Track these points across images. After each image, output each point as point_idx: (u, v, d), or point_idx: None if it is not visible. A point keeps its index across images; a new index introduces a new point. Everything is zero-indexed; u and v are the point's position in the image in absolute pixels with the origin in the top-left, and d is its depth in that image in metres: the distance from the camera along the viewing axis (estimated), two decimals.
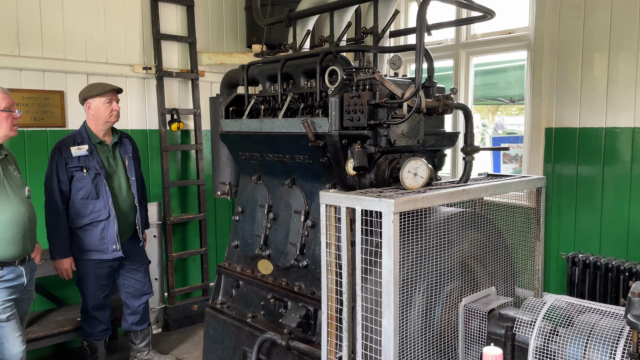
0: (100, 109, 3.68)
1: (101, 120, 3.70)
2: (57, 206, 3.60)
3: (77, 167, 3.62)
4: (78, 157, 3.62)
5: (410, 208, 2.30)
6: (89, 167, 3.64)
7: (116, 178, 3.79)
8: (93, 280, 3.78)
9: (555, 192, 3.88)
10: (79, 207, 3.64)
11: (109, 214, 3.68)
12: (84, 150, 3.63)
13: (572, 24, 3.73)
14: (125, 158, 3.86)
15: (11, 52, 4.18)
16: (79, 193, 3.63)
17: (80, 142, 3.66)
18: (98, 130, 3.74)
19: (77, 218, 3.66)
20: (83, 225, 3.66)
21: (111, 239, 3.71)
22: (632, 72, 3.46)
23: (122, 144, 3.88)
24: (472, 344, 2.61)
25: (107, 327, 4.00)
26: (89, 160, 3.65)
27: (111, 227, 3.70)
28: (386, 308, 2.26)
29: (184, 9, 5.12)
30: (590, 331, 2.17)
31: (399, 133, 2.69)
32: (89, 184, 3.63)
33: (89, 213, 3.66)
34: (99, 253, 3.71)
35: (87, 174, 3.63)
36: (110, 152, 3.81)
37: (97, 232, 3.68)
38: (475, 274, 2.81)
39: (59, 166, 3.61)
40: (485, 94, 5.25)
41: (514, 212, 3.16)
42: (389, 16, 3.13)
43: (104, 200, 3.67)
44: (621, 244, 3.57)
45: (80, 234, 3.68)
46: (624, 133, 3.53)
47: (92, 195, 3.65)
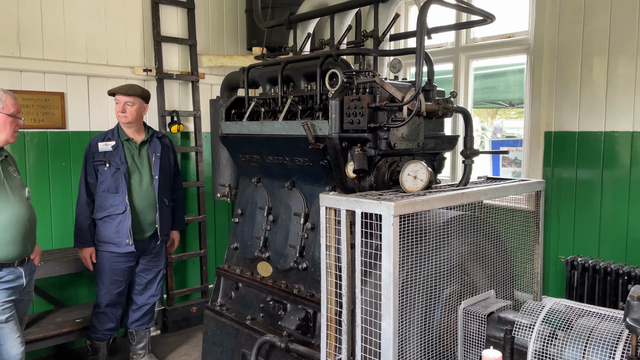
0: (116, 108, 3.96)
1: (124, 120, 3.94)
2: (80, 196, 3.87)
3: (100, 162, 3.84)
4: (104, 152, 3.84)
5: (410, 211, 2.30)
6: (111, 162, 3.82)
7: (138, 175, 3.92)
8: (108, 273, 3.89)
9: (554, 196, 3.89)
10: (101, 200, 3.84)
11: (125, 208, 3.81)
12: (109, 146, 3.85)
13: (571, 28, 3.74)
14: (152, 156, 3.98)
15: (12, 54, 4.18)
16: (101, 186, 3.84)
17: (109, 138, 3.90)
18: (129, 131, 3.96)
19: (99, 210, 3.86)
20: (103, 217, 3.84)
21: (125, 233, 3.82)
22: (631, 76, 3.48)
23: (152, 143, 4.02)
24: (471, 347, 2.61)
25: (115, 326, 4.06)
26: (113, 155, 3.84)
27: (126, 221, 3.81)
28: (386, 311, 2.26)
29: (185, 11, 5.13)
30: (589, 335, 2.17)
31: (399, 136, 2.70)
32: (109, 178, 3.81)
33: (108, 206, 3.82)
34: (114, 246, 3.84)
35: (108, 169, 3.82)
36: (137, 150, 3.96)
37: (114, 225, 3.82)
38: (475, 277, 2.82)
39: (87, 159, 3.87)
40: (484, 98, 5.25)
41: (513, 215, 3.17)
42: (389, 20, 3.14)
43: (122, 194, 3.81)
44: (620, 248, 3.58)
45: (100, 226, 3.87)
46: (623, 137, 3.54)
47: (111, 189, 3.81)
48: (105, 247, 3.86)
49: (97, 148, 3.85)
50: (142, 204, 3.90)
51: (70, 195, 4.52)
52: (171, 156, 4.14)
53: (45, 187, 4.39)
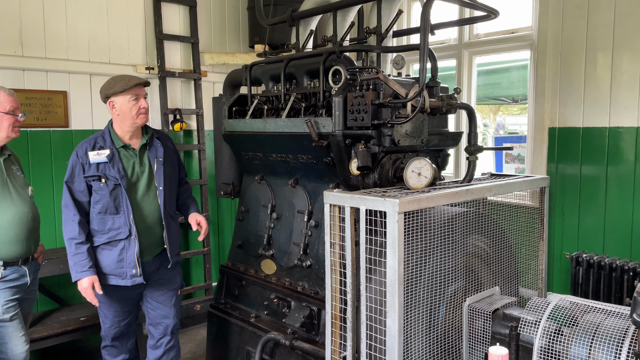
0: (125, 108, 3.04)
1: (128, 122, 3.07)
2: (68, 218, 3.05)
3: (94, 177, 3.04)
4: (97, 163, 3.03)
5: (414, 208, 2.30)
6: (107, 177, 3.03)
7: (142, 189, 3.15)
8: (111, 306, 3.22)
9: (558, 192, 3.88)
10: (97, 223, 3.08)
11: (129, 232, 3.07)
12: (103, 156, 3.04)
13: (575, 24, 3.72)
14: (154, 163, 3.18)
15: (14, 53, 4.18)
16: (96, 206, 3.06)
17: (101, 145, 3.08)
18: (124, 133, 3.12)
19: (95, 235, 3.09)
20: (101, 244, 3.10)
21: (130, 262, 3.09)
22: (636, 71, 3.46)
23: (152, 147, 3.21)
24: (476, 344, 2.61)
25: (131, 357, 3.47)
26: (109, 168, 3.04)
27: (132, 247, 3.09)
28: (391, 308, 2.26)
29: (187, 9, 5.12)
30: (595, 331, 2.16)
31: (402, 133, 2.69)
32: (107, 196, 3.04)
33: (107, 230, 3.08)
34: (116, 278, 3.12)
35: (105, 185, 3.03)
36: (137, 157, 3.16)
37: (115, 253, 3.09)
38: (479, 274, 2.81)
39: (75, 174, 3.06)
40: (487, 94, 5.23)
41: (518, 211, 3.16)
42: (392, 16, 3.13)
43: (125, 215, 3.06)
44: (625, 244, 3.57)
45: (98, 255, 3.11)
46: (627, 133, 3.52)
47: (110, 210, 3.06)
48: (105, 280, 3.11)
49: (88, 159, 3.04)
50: (146, 222, 3.15)
51: None
52: (174, 159, 3.38)
53: (48, 186, 4.39)
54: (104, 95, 3.07)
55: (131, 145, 3.15)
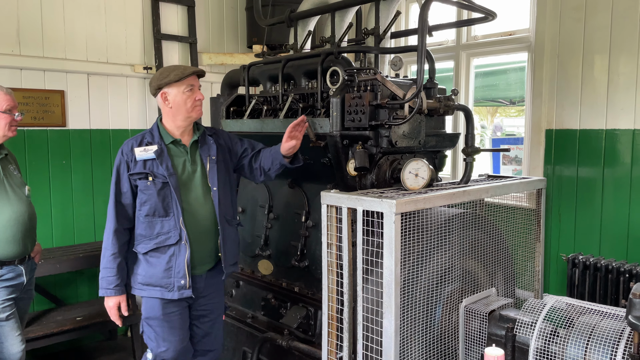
0: (179, 99, 2.74)
1: (181, 115, 2.77)
2: (108, 225, 2.75)
3: (140, 174, 2.73)
4: (144, 160, 2.73)
5: (411, 209, 2.30)
6: (155, 174, 2.72)
7: (193, 189, 2.81)
8: (165, 323, 2.80)
9: (555, 194, 3.89)
10: (144, 227, 2.75)
11: (179, 236, 2.72)
12: (150, 152, 2.73)
13: (572, 26, 3.74)
14: (206, 162, 2.85)
15: (12, 52, 4.18)
16: (143, 208, 2.74)
17: (149, 141, 2.78)
18: (175, 128, 2.81)
19: (142, 242, 2.76)
20: (148, 251, 2.75)
21: (180, 271, 2.73)
22: (633, 74, 3.47)
23: (205, 144, 2.89)
24: (473, 345, 2.61)
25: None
26: (157, 165, 2.72)
27: (182, 254, 2.73)
28: (387, 309, 2.26)
29: (185, 9, 5.12)
30: (591, 332, 2.17)
31: (400, 134, 2.69)
32: (155, 196, 2.71)
33: (155, 235, 2.73)
34: (162, 290, 2.75)
35: (152, 183, 2.71)
36: (188, 154, 2.83)
37: (164, 260, 2.73)
38: (476, 275, 2.81)
39: (120, 173, 2.76)
40: (485, 96, 5.25)
41: (515, 213, 3.17)
42: (390, 17, 3.13)
43: (174, 218, 2.72)
44: (621, 246, 3.58)
45: (143, 263, 2.78)
46: (624, 135, 3.53)
47: (159, 212, 2.72)
48: (152, 292, 2.76)
49: (134, 155, 2.74)
50: (199, 227, 2.79)
51: (70, 194, 4.52)
52: (227, 156, 2.97)
53: (45, 186, 4.39)
54: (155, 85, 2.75)
55: (182, 141, 2.83)
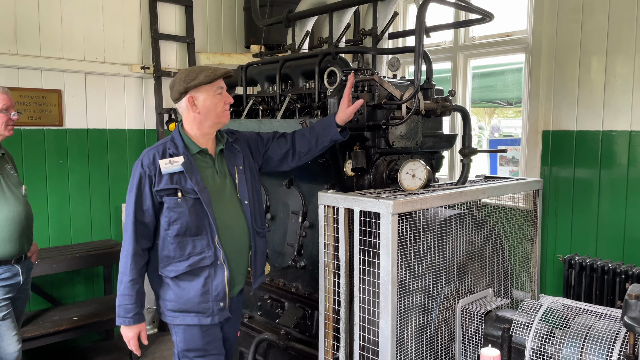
0: (209, 103, 2.45)
1: (210, 121, 2.48)
2: (127, 246, 2.43)
3: (168, 191, 2.42)
4: (170, 174, 2.42)
5: (408, 209, 2.30)
6: (184, 190, 2.42)
7: (224, 203, 2.53)
8: (209, 353, 2.55)
9: (552, 195, 3.90)
10: (173, 248, 2.45)
11: (215, 256, 2.46)
12: (177, 165, 2.43)
13: (569, 27, 3.75)
14: (234, 172, 2.59)
15: (9, 51, 4.17)
16: (172, 228, 2.43)
17: (173, 152, 2.47)
18: (201, 135, 2.51)
19: (171, 264, 2.46)
20: (180, 275, 2.45)
21: (218, 294, 2.47)
22: (629, 75, 3.48)
23: (231, 152, 2.62)
24: (469, 346, 2.61)
25: None
26: (184, 179, 2.43)
27: (219, 275, 2.47)
28: (384, 309, 2.26)
29: (183, 8, 5.12)
30: (587, 333, 2.17)
31: (397, 134, 2.70)
32: (186, 214, 2.42)
33: (186, 256, 2.45)
34: (198, 316, 2.48)
35: (182, 200, 2.42)
36: (215, 164, 2.55)
37: (198, 284, 2.45)
38: (473, 276, 2.82)
39: (141, 189, 2.43)
40: (482, 97, 5.26)
41: (511, 214, 3.17)
42: (387, 18, 3.13)
43: (208, 236, 2.45)
44: (617, 247, 3.59)
45: (175, 287, 2.47)
46: (620, 136, 3.54)
47: (190, 231, 2.44)
48: (185, 319, 2.48)
49: (157, 169, 2.43)
50: (233, 246, 2.53)
51: (67, 194, 4.51)
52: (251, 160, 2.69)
53: (42, 185, 4.38)
54: (182, 88, 2.42)
55: (208, 151, 2.54)
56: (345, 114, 2.57)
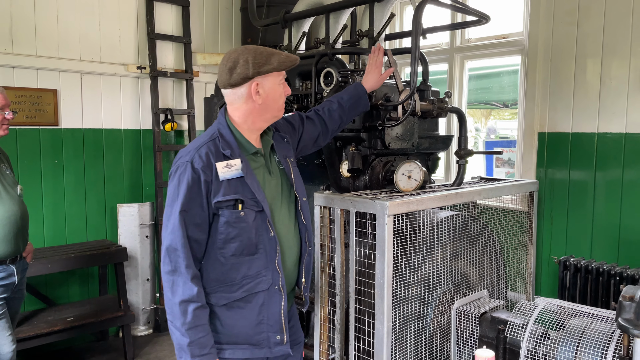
0: (275, 93, 2.07)
1: (269, 113, 2.10)
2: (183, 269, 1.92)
3: (228, 202, 1.97)
4: (228, 181, 1.98)
5: (404, 210, 2.31)
6: (245, 200, 1.99)
7: (278, 211, 2.12)
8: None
9: (547, 196, 3.91)
10: (226, 270, 2.02)
11: (272, 280, 2.05)
12: (236, 170, 1.99)
13: (565, 30, 3.76)
14: (289, 165, 2.20)
15: (4, 50, 4.15)
16: (229, 246, 2.00)
17: (228, 153, 2.01)
18: (254, 130, 2.12)
19: (220, 288, 2.03)
20: (232, 302, 2.04)
21: (275, 323, 2.08)
22: (625, 78, 3.49)
23: (280, 144, 2.23)
24: (464, 347, 2.62)
25: None
26: (243, 187, 2.00)
27: (275, 302, 2.06)
28: (379, 310, 2.26)
29: (179, 8, 5.11)
30: (582, 334, 2.18)
31: (393, 136, 2.70)
32: (248, 230, 2.00)
33: (239, 279, 2.02)
34: (250, 348, 2.07)
35: (246, 214, 1.99)
36: (266, 165, 2.15)
37: (253, 312, 2.05)
38: (468, 277, 2.82)
39: (193, 197, 1.94)
40: (478, 98, 5.27)
41: (507, 215, 3.18)
42: (384, 19, 3.14)
43: (265, 256, 2.04)
44: (612, 249, 3.60)
45: (224, 316, 2.04)
46: (615, 139, 3.56)
47: (249, 249, 2.02)
48: (235, 353, 2.06)
49: (215, 173, 1.96)
50: (288, 264, 2.15)
51: (62, 194, 4.50)
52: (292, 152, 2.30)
53: (37, 185, 4.36)
54: (249, 72, 2.00)
55: (261, 151, 2.14)
56: (378, 82, 2.45)
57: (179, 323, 1.92)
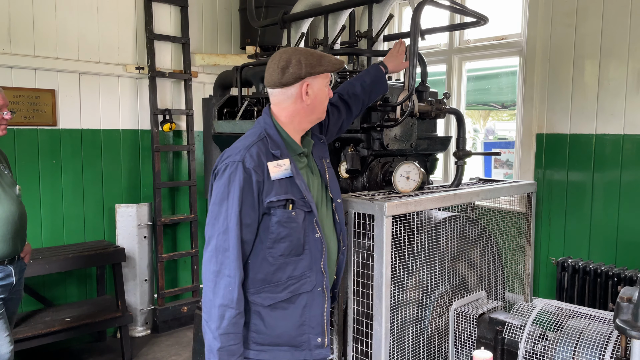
0: (322, 95, 2.10)
1: (315, 115, 2.13)
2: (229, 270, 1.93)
3: (280, 201, 1.99)
4: (278, 180, 2.00)
5: (402, 211, 2.31)
6: (296, 200, 2.02)
7: (321, 211, 2.16)
8: None
9: (545, 198, 3.91)
10: (273, 271, 2.03)
11: (315, 282, 2.07)
12: (285, 169, 2.01)
13: (563, 31, 3.77)
14: (324, 166, 2.23)
15: (2, 50, 4.15)
16: (278, 246, 2.02)
17: (277, 154, 2.03)
18: (299, 130, 2.13)
19: (265, 289, 2.04)
20: (278, 302, 2.04)
21: (317, 325, 2.09)
22: (622, 79, 3.50)
23: (317, 147, 2.24)
24: (462, 348, 2.62)
25: None
26: (292, 186, 2.03)
27: (318, 304, 2.09)
28: (377, 311, 2.26)
29: (178, 9, 5.11)
30: (579, 336, 2.18)
31: (392, 136, 2.70)
32: (298, 230, 2.02)
33: (285, 280, 2.04)
34: (292, 350, 2.07)
35: (297, 214, 2.02)
36: (308, 165, 2.18)
37: (295, 313, 2.06)
38: (466, 278, 2.82)
39: (244, 197, 1.94)
40: (477, 99, 5.27)
41: (505, 216, 3.18)
42: (383, 20, 3.14)
43: (310, 257, 2.06)
44: (610, 250, 3.60)
45: (267, 316, 2.04)
46: (613, 140, 3.56)
47: (296, 250, 2.04)
48: (275, 354, 2.06)
49: (266, 173, 1.98)
50: (330, 264, 2.21)
51: (60, 194, 4.49)
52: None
53: (35, 185, 4.36)
54: (302, 72, 2.01)
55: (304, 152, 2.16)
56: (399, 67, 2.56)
57: (213, 326, 1.93)
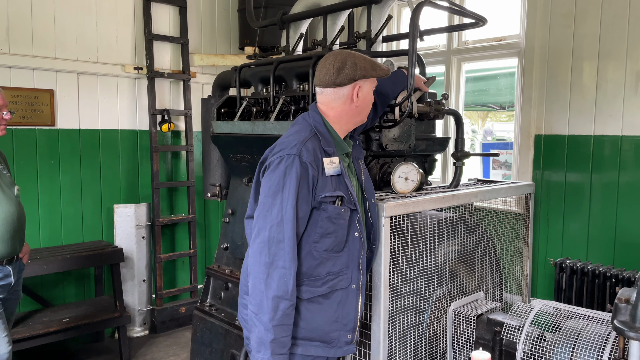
0: (369, 98, 2.18)
1: (360, 117, 2.20)
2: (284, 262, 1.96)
3: (332, 197, 2.05)
4: (330, 177, 2.06)
5: (401, 212, 2.31)
6: (345, 198, 2.07)
7: (361, 210, 2.21)
8: None
9: (543, 199, 3.92)
10: (316, 265, 2.07)
11: (351, 279, 2.12)
12: (336, 167, 2.07)
13: (562, 33, 3.77)
14: (361, 170, 2.28)
15: (1, 50, 4.14)
16: (324, 241, 2.06)
17: (330, 151, 2.09)
18: (344, 131, 2.20)
19: (306, 282, 2.07)
20: (316, 296, 2.08)
21: (349, 322, 2.13)
22: (621, 80, 3.51)
23: (354, 147, 2.31)
24: (461, 349, 2.62)
25: None
26: (342, 184, 2.09)
27: (352, 301, 2.12)
28: (376, 312, 2.26)
29: (177, 9, 5.11)
30: (577, 336, 2.19)
31: (390, 137, 2.70)
32: (345, 227, 2.09)
33: (324, 275, 2.08)
34: (323, 346, 2.10)
35: (344, 211, 2.07)
36: (349, 165, 2.24)
37: (331, 308, 2.09)
38: (464, 279, 2.83)
39: (299, 190, 1.98)
40: (475, 100, 5.28)
41: (503, 217, 3.19)
42: (382, 21, 3.14)
43: (348, 254, 2.11)
44: (608, 251, 3.61)
45: (305, 310, 2.07)
46: (611, 141, 3.57)
47: (339, 246, 2.09)
48: (307, 349, 2.08)
49: (321, 168, 2.04)
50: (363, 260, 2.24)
51: (58, 194, 4.49)
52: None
53: (33, 186, 4.35)
54: (356, 74, 2.08)
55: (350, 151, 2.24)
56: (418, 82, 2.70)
57: (266, 318, 1.92)
